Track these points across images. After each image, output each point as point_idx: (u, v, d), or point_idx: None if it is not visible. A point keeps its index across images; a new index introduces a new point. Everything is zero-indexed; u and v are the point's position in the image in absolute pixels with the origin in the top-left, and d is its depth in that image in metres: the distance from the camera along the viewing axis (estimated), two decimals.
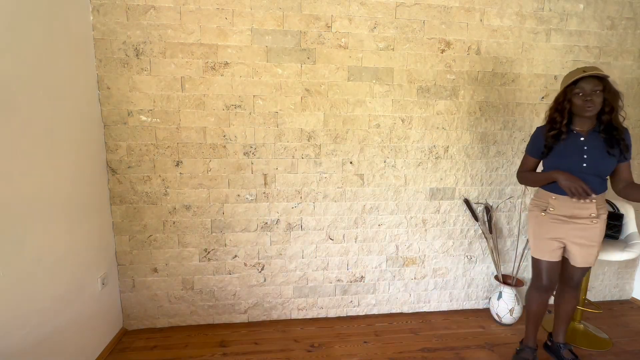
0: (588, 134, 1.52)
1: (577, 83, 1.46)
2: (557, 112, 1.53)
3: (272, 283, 2.12)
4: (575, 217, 1.55)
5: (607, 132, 1.48)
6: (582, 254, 1.58)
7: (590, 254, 1.58)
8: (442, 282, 2.29)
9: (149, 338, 1.97)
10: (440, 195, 2.16)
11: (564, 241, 1.59)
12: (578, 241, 1.56)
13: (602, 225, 1.56)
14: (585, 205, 1.52)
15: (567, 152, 1.53)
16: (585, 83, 1.45)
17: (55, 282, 1.45)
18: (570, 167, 1.51)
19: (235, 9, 1.82)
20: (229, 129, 1.92)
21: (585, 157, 1.49)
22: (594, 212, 1.52)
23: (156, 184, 1.92)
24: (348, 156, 2.04)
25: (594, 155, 1.48)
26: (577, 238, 1.56)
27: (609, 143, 1.46)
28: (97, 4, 1.73)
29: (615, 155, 1.47)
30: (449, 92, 2.06)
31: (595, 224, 1.53)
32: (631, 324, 2.19)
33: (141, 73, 1.81)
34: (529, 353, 1.75)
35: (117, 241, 1.94)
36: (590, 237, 1.55)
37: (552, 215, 1.59)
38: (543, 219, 1.62)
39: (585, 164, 1.49)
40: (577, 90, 1.46)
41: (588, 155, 1.49)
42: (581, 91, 1.45)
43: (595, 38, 2.12)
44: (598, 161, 1.48)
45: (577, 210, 1.54)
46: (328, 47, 1.91)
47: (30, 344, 1.29)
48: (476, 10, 1.99)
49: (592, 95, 1.44)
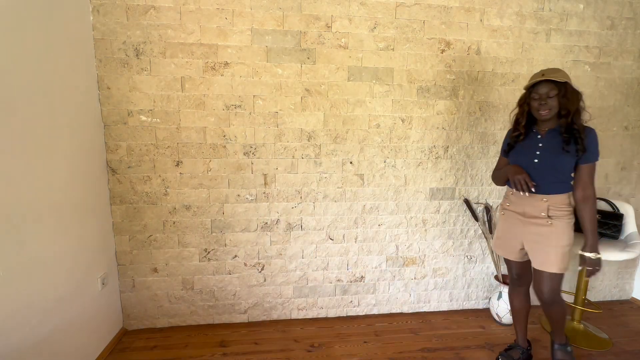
0: (546, 133, 1.53)
1: (535, 86, 1.48)
2: (519, 114, 1.59)
3: (272, 283, 2.12)
4: (529, 216, 1.56)
5: (568, 132, 1.47)
6: (538, 255, 1.55)
7: (546, 256, 1.52)
8: (442, 282, 2.29)
9: (149, 338, 1.97)
10: (440, 195, 2.16)
11: (521, 240, 1.60)
12: (532, 239, 1.56)
13: (559, 229, 1.49)
14: (536, 203, 1.52)
15: (522, 150, 1.57)
16: (541, 87, 1.46)
17: (55, 282, 1.45)
18: (523, 163, 1.55)
19: (235, 9, 1.82)
20: (229, 129, 1.92)
21: (538, 154, 1.51)
22: (544, 212, 1.51)
23: (156, 184, 1.92)
24: (348, 156, 2.04)
25: (547, 152, 1.49)
26: (532, 235, 1.55)
27: (566, 141, 1.45)
28: (97, 4, 1.73)
29: (570, 152, 1.44)
30: (449, 92, 2.06)
31: (550, 224, 1.50)
32: (631, 324, 2.19)
33: (141, 73, 1.81)
34: (516, 351, 1.76)
35: (117, 241, 1.94)
36: (545, 239, 1.51)
37: (509, 212, 1.64)
38: (503, 217, 1.67)
39: (537, 160, 1.51)
40: (533, 94, 1.49)
41: (541, 152, 1.51)
42: (537, 95, 1.48)
43: (595, 38, 2.12)
44: (551, 158, 1.48)
45: (529, 207, 1.55)
46: (328, 47, 1.91)
47: (30, 344, 1.29)
48: (476, 10, 1.99)
49: (546, 99, 1.45)
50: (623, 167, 2.32)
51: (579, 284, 2.09)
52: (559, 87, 1.43)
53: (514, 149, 1.61)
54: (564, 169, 1.48)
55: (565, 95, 1.43)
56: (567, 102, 1.43)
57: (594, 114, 2.21)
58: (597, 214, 1.50)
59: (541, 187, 1.51)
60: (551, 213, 1.50)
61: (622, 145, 2.29)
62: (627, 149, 2.30)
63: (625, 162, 2.31)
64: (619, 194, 2.34)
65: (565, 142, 1.45)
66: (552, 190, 1.50)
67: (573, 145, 1.44)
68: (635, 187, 2.36)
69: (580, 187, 1.48)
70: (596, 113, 2.21)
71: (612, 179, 2.32)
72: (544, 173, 1.50)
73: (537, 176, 1.51)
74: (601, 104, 2.21)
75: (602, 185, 2.32)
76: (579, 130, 1.44)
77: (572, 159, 1.45)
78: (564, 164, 1.47)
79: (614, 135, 2.26)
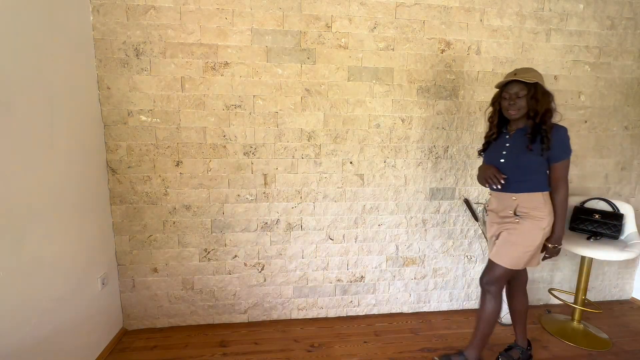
0: (514, 132, 1.55)
1: (506, 86, 1.49)
2: (492, 112, 1.62)
3: (272, 283, 2.12)
4: (502, 215, 1.58)
5: (534, 132, 1.47)
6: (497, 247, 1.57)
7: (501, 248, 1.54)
8: (442, 282, 2.29)
9: (149, 338, 1.97)
10: (440, 195, 2.16)
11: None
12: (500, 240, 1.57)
13: (525, 228, 1.49)
14: (507, 202, 1.55)
15: (492, 149, 1.61)
16: (511, 86, 1.48)
17: (55, 282, 1.45)
18: (492, 163, 1.60)
19: (235, 9, 1.82)
20: (229, 129, 1.92)
21: (504, 153, 1.54)
22: (512, 210, 1.53)
23: (156, 184, 1.92)
24: (348, 156, 2.04)
25: (513, 151, 1.52)
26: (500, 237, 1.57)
27: (531, 140, 1.46)
28: (97, 4, 1.73)
29: (534, 151, 1.45)
30: (449, 92, 2.06)
31: (517, 222, 1.52)
32: (631, 324, 2.19)
33: (141, 73, 1.81)
34: (516, 351, 1.77)
35: (117, 241, 1.94)
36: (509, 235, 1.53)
37: (491, 213, 1.67)
38: (488, 219, 1.70)
39: (503, 159, 1.54)
40: (504, 93, 1.51)
41: (507, 151, 1.54)
42: (507, 94, 1.50)
43: (595, 38, 2.12)
44: (516, 157, 1.50)
45: (501, 206, 1.58)
46: (328, 47, 1.91)
47: (30, 344, 1.29)
48: (476, 10, 1.99)
49: (515, 99, 1.46)
50: (623, 167, 2.32)
51: (579, 284, 2.09)
52: (529, 88, 1.44)
53: (487, 149, 1.65)
54: (530, 168, 1.48)
55: (534, 96, 1.44)
56: (536, 103, 1.44)
57: (594, 113, 2.21)
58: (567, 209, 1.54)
59: (510, 185, 1.53)
60: (519, 212, 1.52)
61: (622, 145, 2.29)
62: (627, 149, 2.30)
63: (625, 162, 2.31)
64: (619, 194, 2.34)
65: (530, 141, 1.46)
66: (520, 188, 1.51)
67: (538, 144, 1.45)
68: (635, 187, 2.36)
69: (553, 183, 1.50)
70: (596, 113, 2.22)
71: (612, 179, 2.32)
72: (510, 172, 1.53)
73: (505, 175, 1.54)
74: (601, 104, 2.21)
75: (602, 185, 2.32)
76: (546, 130, 1.44)
77: (537, 157, 1.46)
78: (529, 162, 1.48)
79: (614, 135, 2.26)
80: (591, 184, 2.30)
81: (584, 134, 2.23)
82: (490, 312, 1.59)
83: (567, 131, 1.48)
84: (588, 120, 2.22)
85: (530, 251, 1.50)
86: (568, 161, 1.49)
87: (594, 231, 2.06)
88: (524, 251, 1.50)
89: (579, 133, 2.22)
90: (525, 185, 1.50)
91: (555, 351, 1.91)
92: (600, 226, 2.05)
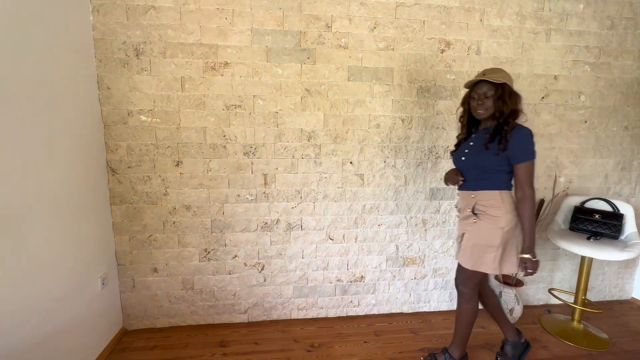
0: (480, 132, 1.56)
1: (475, 85, 1.50)
2: (462, 112, 1.62)
3: (272, 283, 2.12)
4: (463, 213, 1.60)
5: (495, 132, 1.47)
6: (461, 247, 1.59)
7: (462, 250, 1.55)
8: (442, 282, 2.29)
9: (149, 338, 1.97)
10: (440, 195, 2.16)
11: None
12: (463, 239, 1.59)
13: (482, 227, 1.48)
14: (467, 200, 1.57)
15: (459, 149, 1.63)
16: (480, 86, 1.48)
17: (55, 282, 1.45)
18: (456, 161, 1.62)
19: (235, 9, 1.82)
20: (229, 129, 1.92)
21: (466, 152, 1.56)
22: (470, 208, 1.54)
23: (156, 184, 1.91)
24: (348, 156, 2.04)
25: (474, 150, 1.53)
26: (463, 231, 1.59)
27: (491, 139, 1.46)
28: (97, 4, 1.73)
29: (492, 149, 1.44)
30: (449, 92, 2.06)
31: (474, 222, 1.51)
32: (631, 324, 2.19)
33: (141, 73, 1.81)
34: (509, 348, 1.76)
35: (117, 241, 1.94)
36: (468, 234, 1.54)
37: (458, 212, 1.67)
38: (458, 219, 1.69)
39: (464, 157, 1.56)
40: (473, 93, 1.51)
41: (469, 150, 1.55)
42: (475, 94, 1.50)
43: (595, 38, 2.12)
44: (475, 155, 1.51)
45: (463, 204, 1.60)
46: (328, 47, 1.91)
47: (30, 344, 1.29)
48: (476, 10, 1.99)
49: (483, 99, 1.47)
50: (623, 167, 2.32)
51: (579, 284, 2.09)
52: (497, 88, 1.44)
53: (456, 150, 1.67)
54: (487, 167, 1.48)
55: (501, 97, 1.43)
56: (502, 104, 1.43)
57: (594, 113, 2.21)
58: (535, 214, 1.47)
59: (469, 183, 1.56)
60: (477, 210, 1.52)
61: (622, 145, 2.29)
62: (627, 149, 2.30)
63: (625, 162, 2.31)
64: (619, 194, 2.34)
65: (490, 140, 1.47)
66: (478, 186, 1.52)
67: (496, 143, 1.44)
68: (635, 187, 2.36)
69: (517, 187, 1.45)
70: (596, 113, 2.22)
71: (612, 179, 2.32)
72: (469, 170, 1.55)
73: (466, 173, 1.57)
74: (601, 104, 2.21)
75: (602, 185, 2.32)
76: (506, 130, 1.43)
77: (494, 157, 1.44)
78: (486, 161, 1.47)
79: (614, 135, 2.26)
80: (591, 184, 2.30)
81: (584, 134, 2.23)
82: (465, 313, 1.61)
83: (530, 133, 1.42)
84: (588, 120, 2.22)
85: (491, 252, 1.45)
86: (531, 164, 1.42)
87: (594, 231, 2.06)
88: (484, 251, 1.47)
89: (579, 133, 2.22)
90: (482, 183, 1.50)
91: (555, 351, 1.91)
92: (600, 226, 2.05)
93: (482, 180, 1.50)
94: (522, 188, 1.42)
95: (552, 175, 2.25)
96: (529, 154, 1.41)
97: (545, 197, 2.25)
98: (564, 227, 2.21)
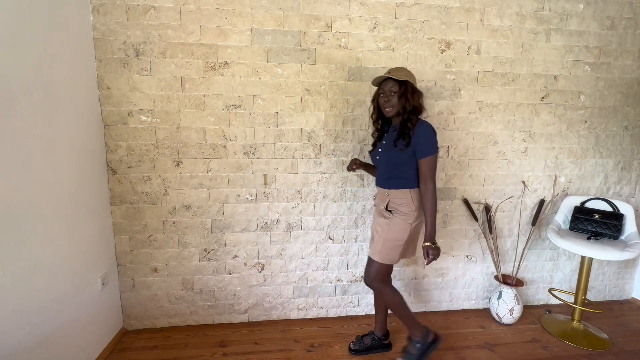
0: (390, 130, 1.63)
1: (382, 83, 1.56)
2: (372, 110, 1.68)
3: (272, 283, 2.12)
4: (378, 209, 1.67)
5: (401, 129, 1.54)
6: (372, 244, 1.66)
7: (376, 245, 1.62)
8: (442, 282, 2.29)
9: (149, 338, 1.97)
10: (440, 195, 2.16)
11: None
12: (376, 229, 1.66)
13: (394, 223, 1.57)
14: (382, 197, 1.64)
15: (376, 147, 1.69)
16: (385, 84, 1.54)
17: (56, 282, 1.45)
18: (372, 159, 1.69)
19: (235, 9, 1.82)
20: (229, 129, 1.92)
21: (380, 151, 1.63)
22: (384, 205, 1.61)
23: (156, 184, 1.92)
24: (348, 156, 2.04)
25: (385, 148, 1.60)
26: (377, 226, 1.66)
27: (399, 136, 1.53)
28: (97, 4, 1.73)
29: (400, 147, 1.51)
30: (449, 92, 2.06)
31: (388, 218, 1.59)
32: (631, 324, 2.19)
33: (141, 73, 1.81)
34: (368, 338, 1.87)
35: (117, 241, 1.94)
36: (381, 230, 1.61)
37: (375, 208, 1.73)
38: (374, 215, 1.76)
39: (379, 156, 1.63)
40: (380, 91, 1.58)
41: (382, 149, 1.62)
42: (382, 91, 1.56)
43: (595, 38, 2.12)
44: (387, 153, 1.58)
45: (379, 200, 1.68)
46: (328, 47, 1.91)
47: (30, 344, 1.29)
48: (476, 10, 1.99)
49: (389, 96, 1.52)
50: (623, 167, 2.32)
51: (579, 284, 2.09)
52: (400, 86, 1.51)
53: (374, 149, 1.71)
54: (398, 165, 1.55)
55: (404, 94, 1.51)
56: (405, 101, 1.51)
57: (594, 113, 2.21)
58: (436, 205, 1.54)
59: (384, 182, 1.62)
60: (390, 207, 1.60)
61: (622, 145, 2.29)
62: (627, 149, 2.30)
63: (625, 162, 2.31)
64: (619, 194, 2.34)
65: (397, 137, 1.53)
66: (392, 185, 1.59)
67: (402, 141, 1.51)
68: (635, 187, 2.36)
69: (421, 181, 1.53)
70: (596, 113, 2.22)
71: (612, 179, 2.32)
72: (383, 168, 1.62)
73: (380, 171, 1.65)
74: (601, 104, 2.21)
75: (602, 185, 2.32)
76: (409, 126, 1.51)
77: (402, 154, 1.51)
78: (396, 159, 1.54)
79: (614, 135, 2.26)
80: (591, 184, 2.30)
81: (584, 134, 2.23)
82: (391, 302, 1.66)
83: (431, 127, 1.51)
84: (588, 120, 2.22)
85: (399, 245, 1.58)
86: (434, 158, 1.49)
87: (594, 231, 2.06)
88: (394, 245, 1.58)
89: (579, 133, 2.22)
90: (395, 181, 1.58)
91: (555, 351, 1.91)
92: (600, 226, 2.05)
93: (395, 178, 1.58)
94: (425, 182, 1.51)
95: (552, 175, 2.25)
96: (432, 149, 1.49)
97: (545, 197, 2.25)
98: (564, 227, 2.21)
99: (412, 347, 1.68)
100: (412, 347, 1.68)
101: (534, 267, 2.36)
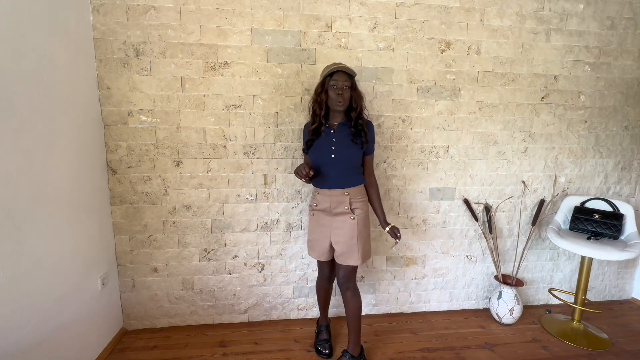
0: (337, 127, 1.59)
1: (333, 75, 1.52)
2: (317, 103, 1.57)
3: (272, 283, 2.12)
4: (334, 213, 1.59)
5: (355, 125, 1.56)
6: (344, 252, 1.58)
7: (350, 253, 1.57)
8: (442, 282, 2.29)
9: (149, 338, 1.97)
10: (440, 195, 2.16)
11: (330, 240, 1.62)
12: (338, 233, 1.59)
13: (361, 221, 1.58)
14: (339, 199, 1.57)
15: (320, 146, 1.58)
16: (338, 77, 1.51)
17: (55, 282, 1.45)
18: (322, 158, 1.57)
19: (235, 9, 1.82)
20: (229, 129, 1.92)
21: (334, 149, 1.56)
22: (347, 206, 1.57)
23: (156, 184, 1.92)
24: None
25: (341, 146, 1.56)
26: (338, 230, 1.59)
27: (355, 134, 1.56)
28: (97, 4, 1.73)
29: (359, 144, 1.56)
30: (449, 92, 2.06)
31: (353, 219, 1.57)
32: (631, 324, 2.19)
33: (141, 73, 1.81)
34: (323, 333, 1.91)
35: (117, 241, 1.94)
36: (349, 233, 1.56)
37: (317, 212, 1.64)
38: (313, 219, 1.67)
39: (334, 155, 1.56)
40: (332, 82, 1.51)
41: (336, 147, 1.56)
42: (335, 84, 1.51)
43: (595, 38, 2.12)
44: (345, 151, 1.55)
45: (334, 204, 1.58)
46: (328, 47, 1.91)
47: (30, 344, 1.29)
48: (476, 10, 1.99)
49: (343, 89, 1.50)
50: (623, 167, 2.32)
51: (579, 284, 2.09)
52: (351, 80, 1.52)
53: (312, 147, 1.61)
54: (356, 161, 1.58)
55: (356, 89, 1.53)
56: (358, 95, 1.53)
57: (594, 113, 2.21)
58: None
59: (340, 181, 1.57)
60: (353, 206, 1.58)
61: (622, 145, 2.29)
62: (627, 149, 2.30)
63: (625, 162, 2.31)
64: (619, 194, 2.34)
65: (355, 135, 1.55)
66: (351, 183, 1.58)
67: (359, 138, 1.54)
68: (635, 187, 2.36)
69: (367, 174, 1.65)
70: (596, 113, 2.22)
71: (612, 179, 2.32)
72: (341, 167, 1.56)
73: (335, 170, 1.56)
74: (601, 104, 2.21)
75: (602, 185, 2.32)
76: (362, 124, 1.54)
77: (360, 151, 1.56)
78: (355, 156, 1.56)
79: (614, 135, 2.26)
80: (591, 184, 2.30)
81: (584, 134, 2.23)
82: (360, 306, 1.65)
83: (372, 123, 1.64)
84: (588, 120, 2.22)
85: (368, 240, 1.65)
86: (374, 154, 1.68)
87: (594, 231, 2.06)
88: (367, 240, 1.63)
89: (579, 133, 2.22)
90: (353, 179, 1.59)
91: (555, 351, 1.91)
92: (600, 226, 2.05)
93: (352, 175, 1.58)
94: (371, 175, 1.67)
95: (552, 175, 2.25)
96: (374, 145, 1.66)
97: (545, 197, 2.25)
98: (564, 227, 2.21)
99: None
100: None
101: (534, 267, 2.36)
